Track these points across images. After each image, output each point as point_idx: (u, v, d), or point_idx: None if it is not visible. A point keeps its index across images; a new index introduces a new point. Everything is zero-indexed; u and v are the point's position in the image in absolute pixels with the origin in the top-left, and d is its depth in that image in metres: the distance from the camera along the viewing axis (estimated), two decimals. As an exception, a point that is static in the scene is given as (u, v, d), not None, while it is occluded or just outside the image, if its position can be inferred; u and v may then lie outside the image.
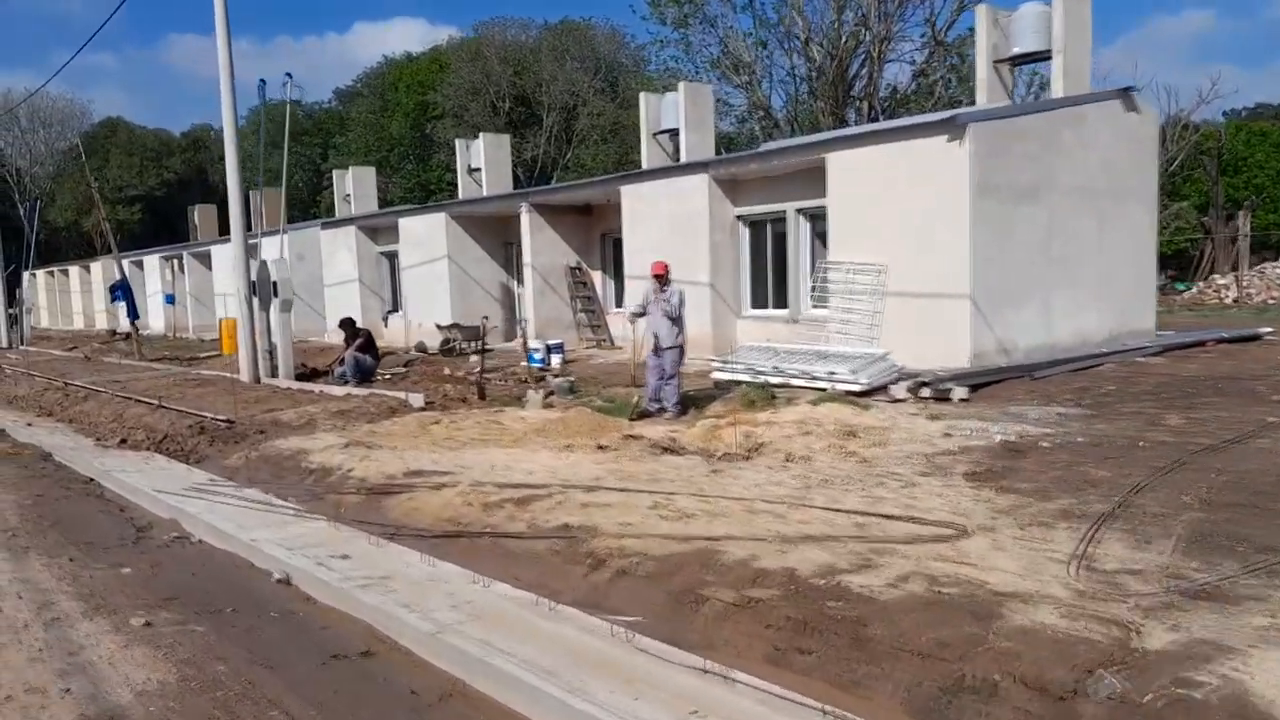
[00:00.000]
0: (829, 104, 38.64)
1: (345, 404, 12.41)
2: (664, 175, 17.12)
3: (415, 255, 23.48)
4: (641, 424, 10.55)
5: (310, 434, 10.81)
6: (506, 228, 23.18)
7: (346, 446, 9.47)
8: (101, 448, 11.24)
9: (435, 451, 9.43)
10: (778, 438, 8.82)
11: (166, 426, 11.57)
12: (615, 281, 21.25)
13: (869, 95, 39.52)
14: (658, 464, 8.23)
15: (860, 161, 13.73)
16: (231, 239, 16.49)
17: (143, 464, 10.02)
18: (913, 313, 13.17)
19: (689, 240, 16.40)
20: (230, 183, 16.45)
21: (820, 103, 39.40)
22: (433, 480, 8.13)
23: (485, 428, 10.83)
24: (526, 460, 8.73)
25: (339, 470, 8.91)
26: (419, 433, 10.72)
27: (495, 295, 23.29)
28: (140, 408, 13.11)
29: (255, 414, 12.07)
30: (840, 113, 38.58)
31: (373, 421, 11.50)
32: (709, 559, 5.53)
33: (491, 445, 9.75)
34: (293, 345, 16.76)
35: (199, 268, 35.80)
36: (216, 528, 7.12)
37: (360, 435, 10.65)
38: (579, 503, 6.95)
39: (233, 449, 10.64)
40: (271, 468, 9.63)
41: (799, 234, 15.69)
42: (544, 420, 10.80)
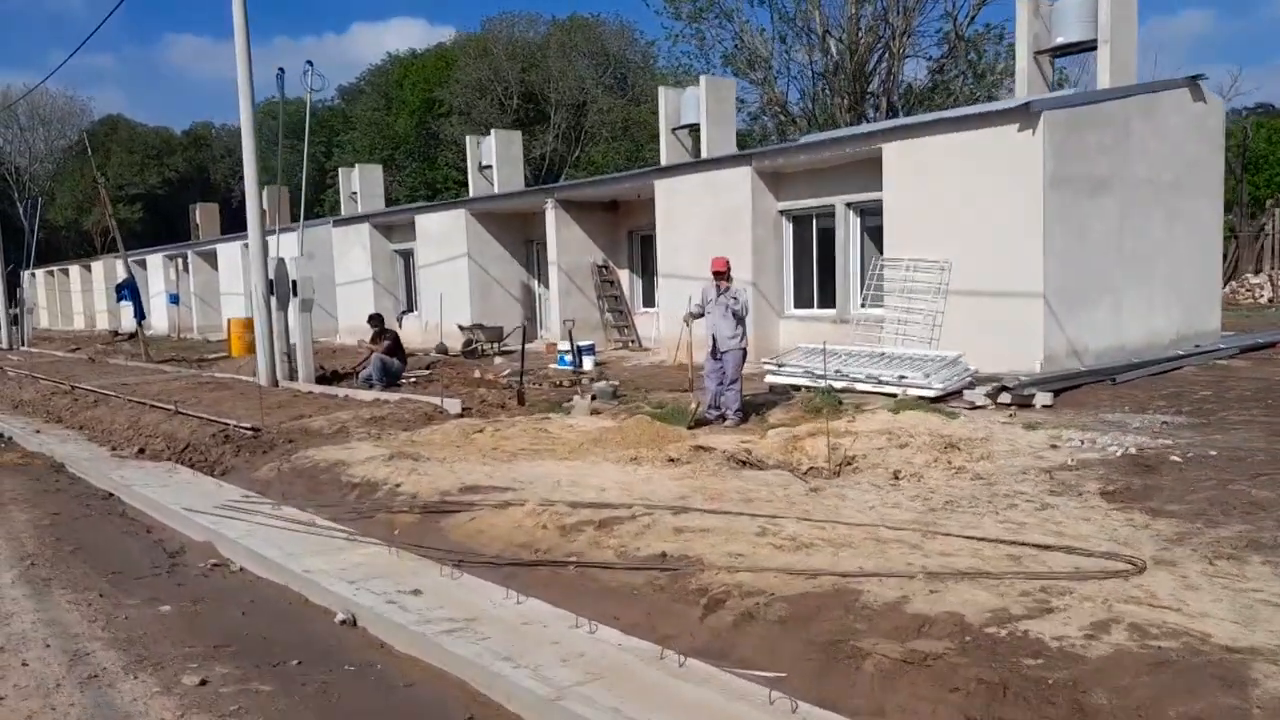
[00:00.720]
0: (848, 99, 37.89)
1: (377, 410, 11.61)
2: (702, 168, 16.33)
3: (433, 253, 22.69)
4: (705, 434, 9.76)
5: (344, 443, 10.02)
6: (527, 225, 22.40)
7: (391, 459, 8.66)
8: (118, 458, 10.43)
9: (486, 464, 8.64)
10: (869, 450, 8.03)
11: (187, 435, 10.77)
12: (643, 280, 20.48)
13: (887, 91, 38.82)
14: (742, 480, 7.43)
15: (921, 152, 12.94)
16: (249, 236, 15.69)
17: (165, 477, 9.22)
18: (978, 312, 12.38)
19: (729, 236, 15.60)
20: (248, 176, 15.65)
21: (838, 99, 38.66)
22: (493, 497, 7.33)
23: (534, 437, 10.04)
24: (591, 474, 7.93)
25: (385, 485, 8.12)
26: (463, 442, 9.94)
27: (516, 295, 22.51)
28: (156, 414, 12.31)
29: (281, 421, 11.26)
30: (859, 108, 37.84)
31: (409, 429, 10.71)
32: (849, 600, 4.74)
33: (545, 456, 8.96)
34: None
35: (204, 267, 34.99)
36: (260, 554, 6.32)
37: (399, 445, 9.87)
38: (670, 527, 6.16)
39: (261, 460, 9.84)
40: (307, 482, 8.84)
41: (848, 229, 14.90)
42: (598, 429, 10.00)
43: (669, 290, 16.85)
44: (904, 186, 13.15)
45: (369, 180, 32.95)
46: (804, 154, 14.59)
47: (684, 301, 16.47)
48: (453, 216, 21.93)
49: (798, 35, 37.80)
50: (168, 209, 60.35)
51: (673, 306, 16.75)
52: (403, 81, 56.70)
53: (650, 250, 20.18)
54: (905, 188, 13.13)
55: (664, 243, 16.88)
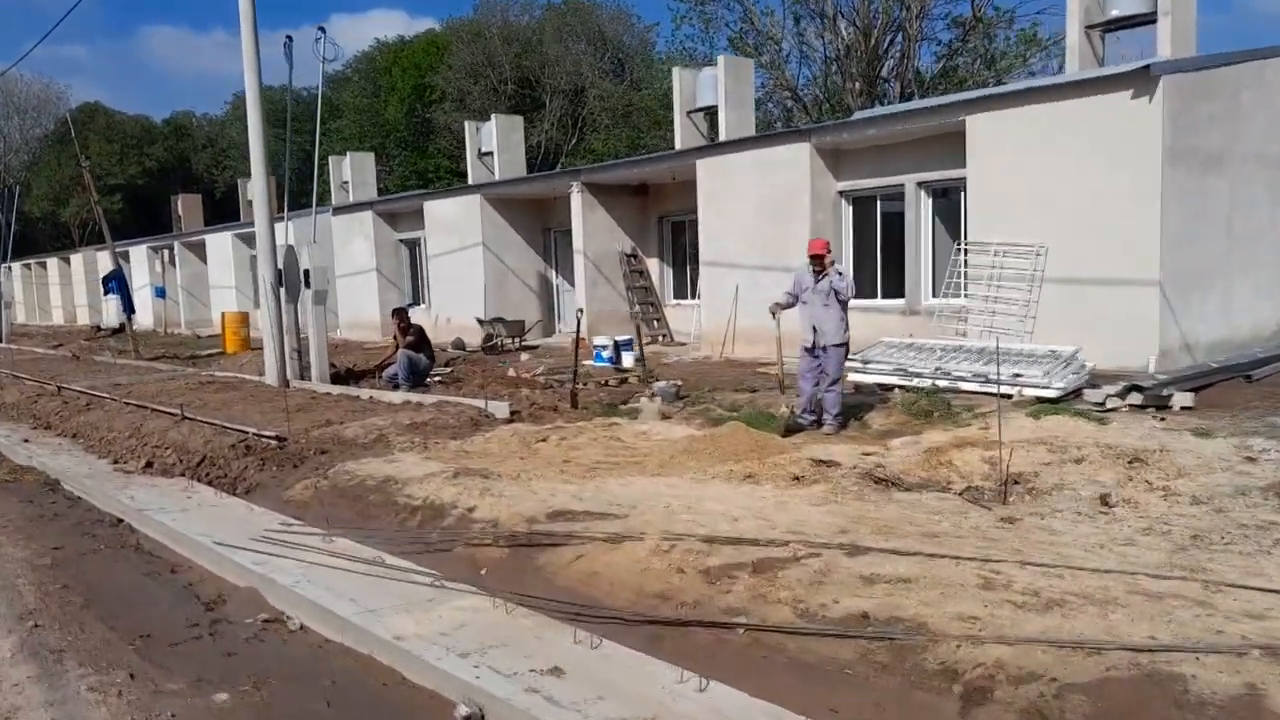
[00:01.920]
0: (861, 84, 36.70)
1: (414, 414, 10.24)
2: (752, 146, 15.01)
3: (443, 242, 21.28)
4: (807, 442, 8.46)
5: (387, 455, 8.66)
6: (545, 212, 21.04)
7: (457, 477, 7.30)
8: (122, 473, 9.02)
9: (567, 481, 7.31)
10: (1035, 466, 6.75)
11: (201, 445, 9.36)
12: (673, 270, 19.15)
13: (901, 75, 37.66)
14: (900, 506, 6.14)
15: (1013, 124, 11.68)
16: (256, 222, 14.25)
17: (182, 498, 7.83)
18: (1078, 303, 11.15)
19: (784, 220, 14.31)
20: (254, 158, 14.21)
21: (850, 83, 37.44)
22: (595, 526, 6.02)
23: (607, 446, 8.72)
24: (706, 497, 6.62)
25: (454, 508, 6.78)
26: (526, 453, 8.62)
27: (533, 286, 21.14)
28: (160, 420, 10.88)
29: (307, 428, 9.88)
30: (872, 91, 36.66)
31: (458, 437, 9.37)
32: (1173, 690, 3.47)
33: (631, 471, 7.64)
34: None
35: (192, 259, 33.39)
36: (327, 609, 4.97)
37: (451, 456, 8.55)
38: (852, 573, 4.86)
39: (292, 475, 8.47)
40: (354, 504, 7.48)
41: (919, 211, 13.64)
42: (683, 437, 8.69)
43: (712, 280, 15.55)
44: (992, 163, 11.88)
45: (361, 168, 31.56)
46: (872, 128, 13.29)
47: (729, 291, 15.24)
48: (466, 202, 20.51)
49: (810, 17, 36.58)
50: (148, 200, 58.46)
51: (716, 297, 15.48)
52: (391, 68, 55.00)
53: (681, 238, 18.90)
54: (993, 164, 11.87)
55: (707, 228, 15.56)
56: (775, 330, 9.24)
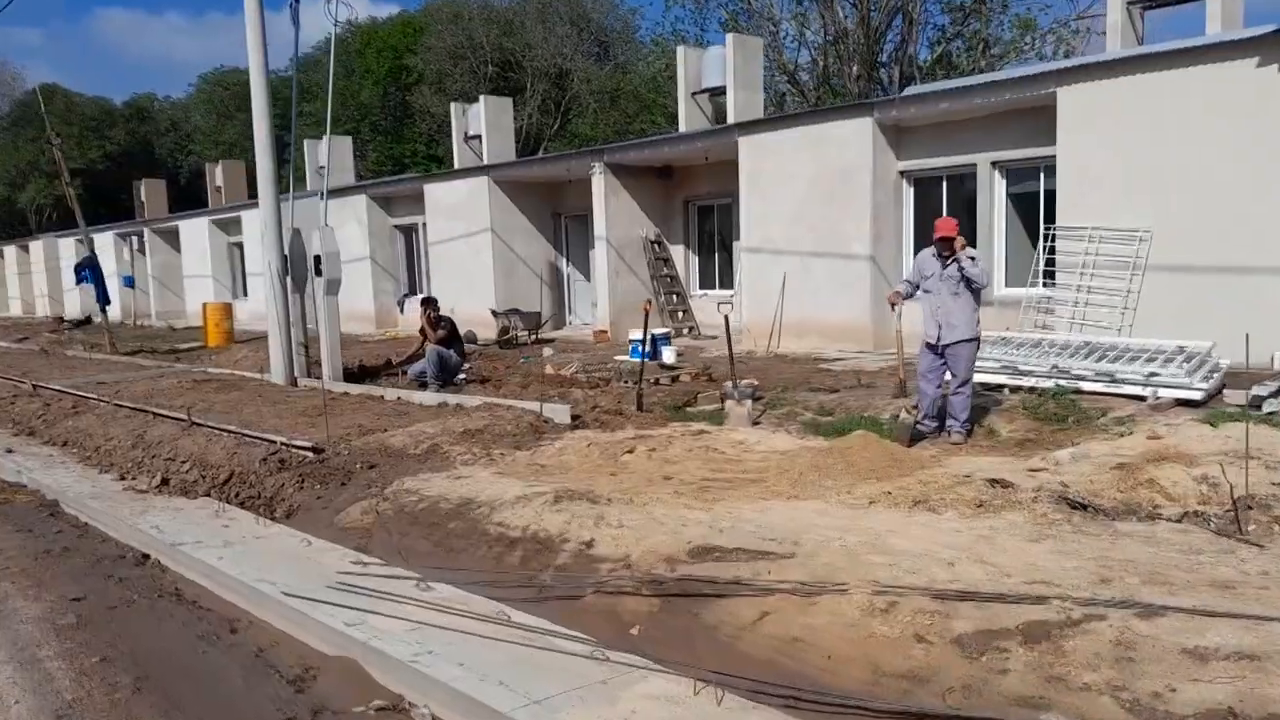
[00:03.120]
0: (860, 68, 35.74)
1: (464, 420, 8.96)
2: (804, 121, 13.83)
3: (446, 228, 19.91)
4: (941, 454, 7.35)
5: (449, 469, 7.42)
6: (555, 196, 19.76)
7: (558, 501, 6.06)
8: (134, 492, 7.67)
9: (689, 506, 6.10)
10: (1268, 488, 5.65)
11: (224, 458, 8.03)
12: (699, 258, 17.95)
13: (900, 60, 36.76)
14: (1138, 542, 5.01)
15: (1112, 96, 10.62)
16: (261, 202, 12.87)
17: (216, 525, 6.53)
18: (1189, 292, 10.15)
19: (840, 203, 13.18)
20: (258, 130, 12.81)
21: (847, 66, 36.48)
22: (760, 570, 4.85)
23: (707, 460, 7.54)
24: (875, 527, 5.45)
25: (565, 542, 5.56)
26: (613, 467, 7.42)
27: (542, 275, 19.85)
28: (164, 425, 9.51)
29: (343, 436, 8.58)
30: (872, 76, 35.72)
31: (523, 447, 8.14)
32: None
33: (757, 492, 6.46)
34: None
35: (163, 246, 31.64)
36: (473, 698, 3.75)
37: (525, 469, 7.38)
38: (1165, 644, 3.72)
39: (341, 495, 7.20)
40: (428, 532, 6.24)
41: (993, 194, 12.56)
42: (795, 449, 7.54)
43: (755, 268, 14.40)
44: (1087, 139, 10.83)
45: (338, 152, 30.12)
46: (945, 102, 12.17)
47: (774, 280, 14.07)
48: (473, 185, 19.15)
49: (811, 0, 35.48)
50: (109, 185, 56.04)
51: (760, 287, 14.34)
52: (365, 50, 53.13)
53: (709, 223, 17.75)
54: (1089, 141, 10.82)
55: (749, 211, 14.39)
56: (895, 324, 8.09)
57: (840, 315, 13.22)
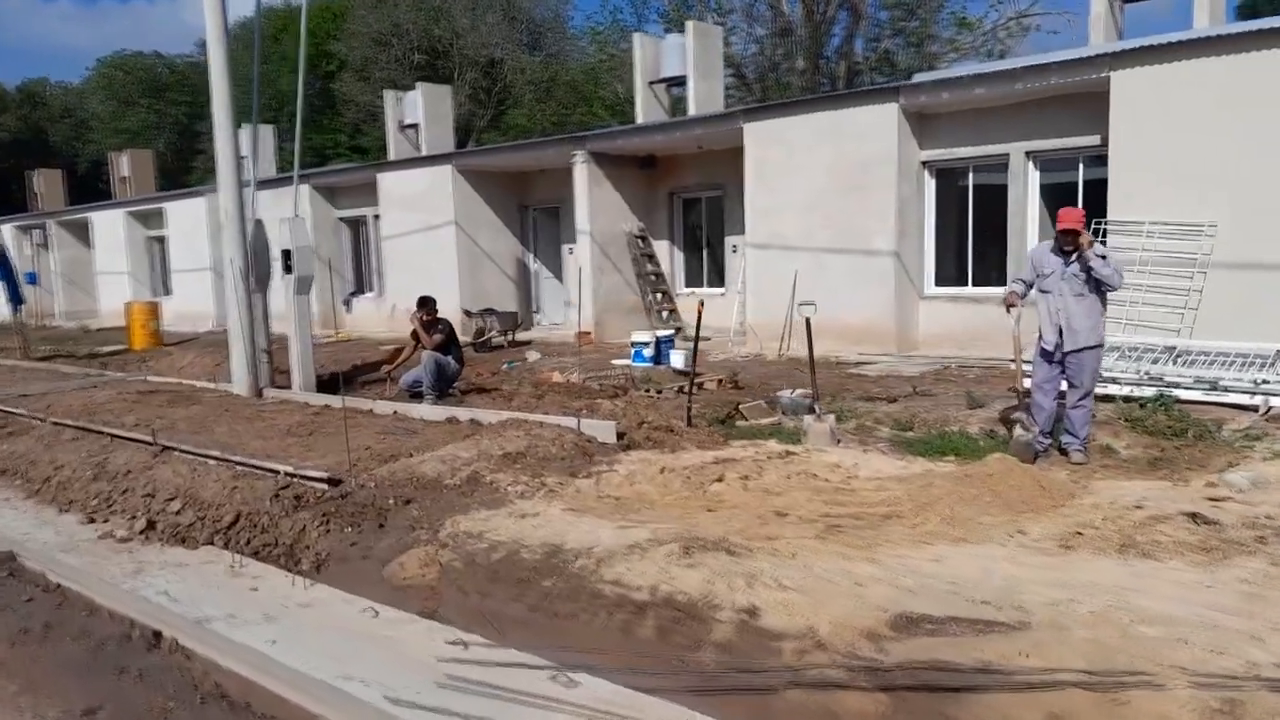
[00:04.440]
0: (809, 63, 35.23)
1: (499, 440, 7.67)
2: (821, 107, 12.86)
3: (402, 221, 18.41)
4: (1083, 477, 6.43)
5: (505, 504, 6.23)
6: (524, 187, 18.48)
7: (688, 553, 4.90)
8: (114, 541, 6.21)
9: (841, 554, 5.01)
10: None
11: (219, 493, 6.61)
12: (684, 254, 16.89)
13: (846, 54, 36.42)
14: None
15: (1175, 81, 9.94)
16: (220, 188, 11.30)
17: (241, 588, 5.19)
18: (1261, 291, 9.51)
19: (862, 194, 12.28)
20: (217, 108, 11.26)
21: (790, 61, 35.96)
22: (1007, 650, 3.80)
23: (814, 489, 6.47)
24: (1098, 581, 4.46)
25: (718, 608, 4.42)
26: (703, 499, 6.32)
27: (509, 273, 18.53)
28: (127, 450, 8.00)
29: (359, 463, 7.25)
30: (817, 70, 35.26)
31: (578, 473, 6.96)
32: None
33: (911, 534, 5.42)
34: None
35: (71, 241, 29.12)
36: None
37: (597, 502, 6.22)
38: None
39: (381, 540, 5.92)
40: (516, 591, 5.03)
41: (1026, 185, 11.80)
42: (913, 474, 6.53)
43: (763, 265, 13.40)
44: (1145, 127, 10.13)
45: (260, 141, 28.41)
46: (981, 86, 11.34)
47: (784, 278, 13.02)
48: (434, 174, 17.70)
49: (751, -8, 34.80)
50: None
51: (768, 285, 13.34)
52: (281, 35, 50.55)
53: (695, 217, 16.69)
54: (1147, 129, 10.12)
55: (755, 204, 13.38)
56: (1014, 329, 7.11)
57: (861, 316, 12.31)
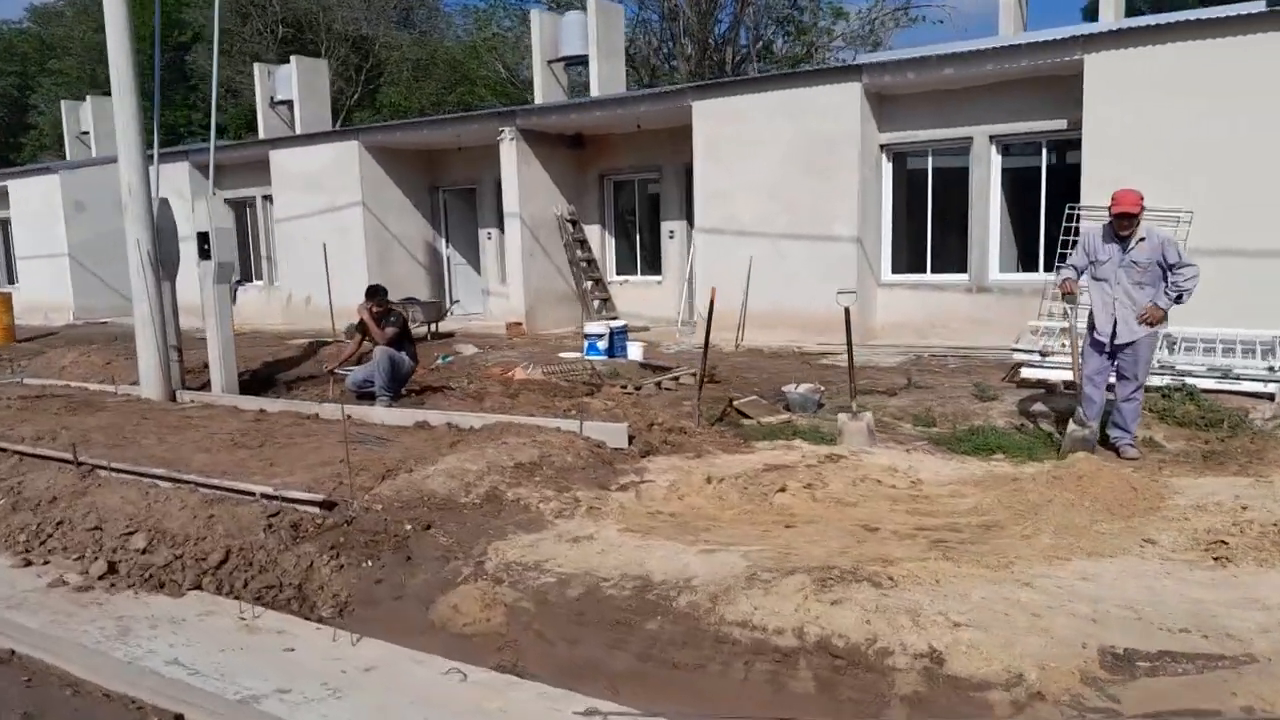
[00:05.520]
0: (696, 49, 34.95)
1: (505, 450, 6.76)
2: (777, 85, 12.28)
3: (300, 202, 16.92)
4: (1151, 473, 6.09)
5: (544, 525, 5.46)
6: (433, 167, 17.31)
7: (826, 586, 4.21)
8: (66, 589, 5.01)
9: (985, 577, 4.43)
10: None
11: (193, 524, 5.48)
12: (615, 240, 16.12)
13: (732, 41, 36.31)
14: None
15: (1149, 65, 9.86)
16: (121, 161, 9.79)
17: (271, 647, 4.20)
18: (1236, 278, 9.54)
19: (822, 178, 11.84)
20: (116, 65, 9.78)
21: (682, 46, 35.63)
22: (1271, 696, 3.31)
23: (882, 495, 5.92)
24: None
25: (889, 654, 3.79)
26: (772, 512, 5.68)
27: (420, 259, 17.31)
28: (46, 472, 6.68)
29: (337, 476, 6.23)
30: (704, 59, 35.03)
31: (610, 485, 6.23)
32: None
33: (1031, 548, 4.90)
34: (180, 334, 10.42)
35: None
36: None
37: (645, 518, 5.52)
38: None
39: (413, 575, 5.01)
40: (617, 637, 4.27)
41: (990, 170, 11.60)
42: (960, 475, 6.06)
43: (712, 251, 12.79)
44: (1118, 112, 10.03)
45: (105, 116, 26.10)
46: (949, 67, 11.02)
47: (738, 265, 12.40)
48: (338, 151, 16.29)
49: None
50: None
51: (719, 273, 12.74)
52: (124, 1, 46.54)
53: (627, 200, 15.95)
54: (1120, 114, 10.02)
55: (707, 186, 12.75)
56: (1070, 319, 6.72)
57: (821, 305, 11.75)
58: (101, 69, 44.46)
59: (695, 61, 35.46)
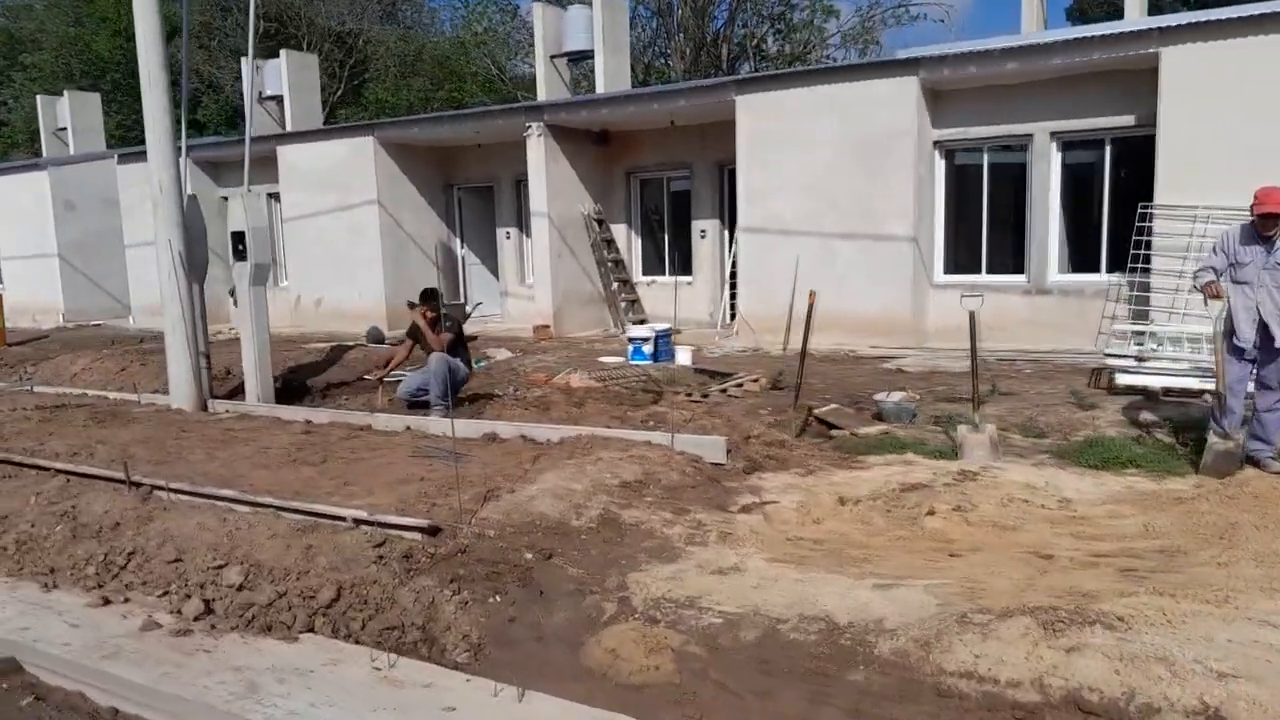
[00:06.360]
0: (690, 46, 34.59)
1: (601, 466, 6.25)
2: (826, 79, 11.83)
3: (310, 201, 16.28)
4: None
5: (678, 554, 5.03)
6: (449, 164, 16.76)
7: (1053, 630, 3.75)
8: (160, 632, 4.45)
9: (1200, 610, 3.98)
10: None
11: (288, 554, 4.92)
12: (641, 240, 15.63)
13: (726, 38, 35.99)
14: None
15: (1234, 57, 9.50)
16: (151, 156, 9.15)
17: (417, 704, 3.68)
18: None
19: (876, 175, 11.43)
20: (145, 58, 9.16)
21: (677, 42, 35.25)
22: None
23: (1035, 516, 5.47)
24: None
25: (1156, 713, 3.32)
26: (925, 537, 5.25)
27: (435, 259, 16.71)
28: (99, 494, 6.08)
29: (426, 497, 5.70)
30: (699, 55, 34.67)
31: (728, 506, 5.79)
32: None
33: (1246, 581, 4.46)
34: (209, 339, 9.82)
35: None
36: None
37: (786, 545, 5.06)
38: None
39: (550, 613, 4.52)
40: (815, 688, 3.83)
41: (1050, 167, 11.23)
42: (1103, 494, 5.64)
43: (757, 251, 12.35)
44: (1197, 108, 9.68)
45: (84, 111, 25.76)
46: (1013, 61, 10.62)
47: (784, 265, 11.85)
48: (353, 147, 15.66)
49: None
50: None
51: (763, 273, 12.32)
52: (98, -13, 45.39)
53: (651, 199, 15.47)
54: (1198, 110, 9.67)
55: (749, 185, 12.30)
56: (1216, 324, 6.29)
57: (874, 306, 11.47)
58: (78, 63, 43.37)
59: (690, 60, 35.09)
